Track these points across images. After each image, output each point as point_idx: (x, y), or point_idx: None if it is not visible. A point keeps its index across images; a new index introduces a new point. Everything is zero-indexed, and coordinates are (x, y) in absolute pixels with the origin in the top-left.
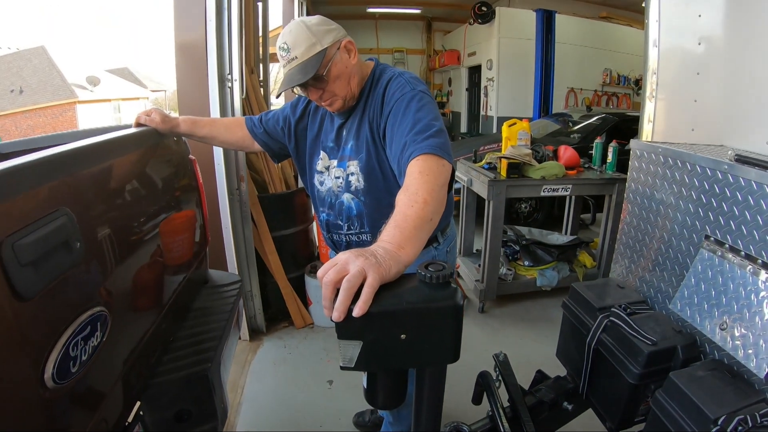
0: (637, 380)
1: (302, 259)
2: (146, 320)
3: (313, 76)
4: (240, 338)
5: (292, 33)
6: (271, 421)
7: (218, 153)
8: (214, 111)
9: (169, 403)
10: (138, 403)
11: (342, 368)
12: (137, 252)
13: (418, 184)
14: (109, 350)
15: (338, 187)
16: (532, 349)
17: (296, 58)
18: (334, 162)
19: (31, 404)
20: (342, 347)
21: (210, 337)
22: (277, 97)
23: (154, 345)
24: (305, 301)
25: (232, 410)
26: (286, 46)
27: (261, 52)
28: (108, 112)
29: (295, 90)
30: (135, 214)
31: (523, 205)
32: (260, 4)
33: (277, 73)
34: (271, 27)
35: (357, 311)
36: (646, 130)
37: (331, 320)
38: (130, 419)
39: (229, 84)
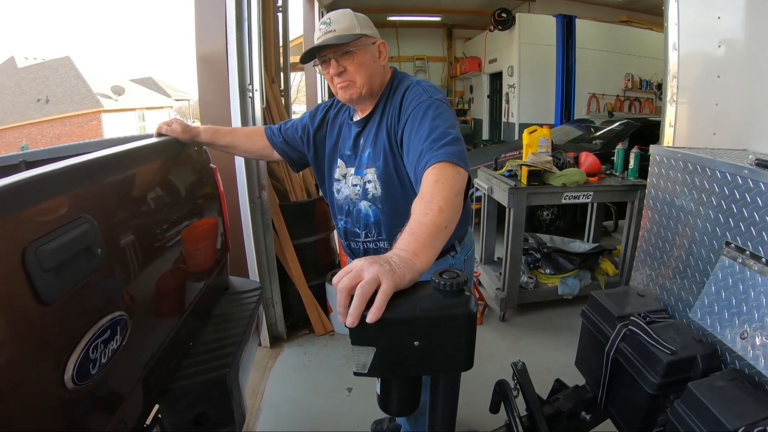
0: (656, 390)
1: (323, 267)
2: (166, 325)
3: (343, 47)
4: (261, 345)
5: (337, 13)
6: (290, 426)
7: (239, 162)
8: (235, 121)
9: (188, 407)
10: (157, 406)
11: (355, 374)
12: (158, 259)
13: (434, 192)
14: (129, 354)
15: (355, 194)
16: (553, 357)
17: (334, 30)
18: (352, 170)
19: (52, 404)
20: (356, 353)
21: (229, 342)
22: (301, 62)
23: (174, 349)
24: (326, 309)
25: (252, 415)
26: (328, 21)
27: (281, 62)
28: (132, 121)
29: (315, 66)
30: (156, 221)
31: (545, 213)
32: (280, 15)
33: (299, 83)
34: (291, 37)
35: (370, 317)
36: (668, 135)
37: (345, 326)
38: (148, 421)
39: (250, 94)
